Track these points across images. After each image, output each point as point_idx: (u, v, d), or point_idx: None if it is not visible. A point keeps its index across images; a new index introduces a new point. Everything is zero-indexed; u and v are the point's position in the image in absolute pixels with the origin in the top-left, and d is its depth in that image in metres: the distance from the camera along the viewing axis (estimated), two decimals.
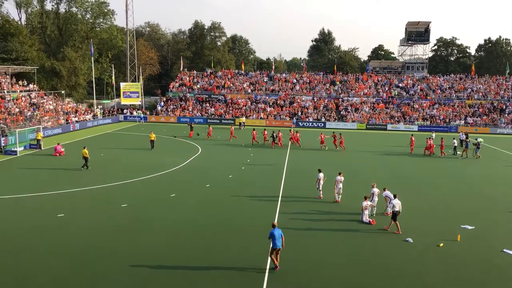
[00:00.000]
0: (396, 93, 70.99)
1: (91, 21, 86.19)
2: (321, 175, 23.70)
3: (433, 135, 45.60)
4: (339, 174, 23.39)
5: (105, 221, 19.27)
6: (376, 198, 20.97)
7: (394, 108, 67.12)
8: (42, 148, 37.91)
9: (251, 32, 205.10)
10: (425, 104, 67.55)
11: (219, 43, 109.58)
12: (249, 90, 72.23)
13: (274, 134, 42.96)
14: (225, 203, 22.54)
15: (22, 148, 37.03)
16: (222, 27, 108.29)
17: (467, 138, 42.56)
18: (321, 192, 23.68)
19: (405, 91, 71.73)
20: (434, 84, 73.66)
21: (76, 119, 55.04)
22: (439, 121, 63.33)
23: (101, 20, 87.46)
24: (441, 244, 17.32)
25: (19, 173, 29.06)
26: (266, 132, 44.63)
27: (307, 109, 66.58)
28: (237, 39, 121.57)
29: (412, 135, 43.55)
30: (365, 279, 14.29)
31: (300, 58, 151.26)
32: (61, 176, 28.08)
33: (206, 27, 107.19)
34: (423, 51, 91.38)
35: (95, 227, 18.39)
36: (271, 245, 14.80)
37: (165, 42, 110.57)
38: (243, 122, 58.79)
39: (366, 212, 19.90)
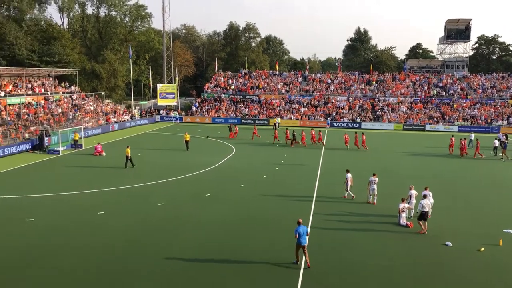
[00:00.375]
0: (435, 93, 69.10)
1: (129, 24, 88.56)
2: (349, 175, 23.41)
3: (472, 135, 44.17)
4: (373, 175, 23.02)
5: (142, 219, 19.75)
6: (413, 200, 20.50)
7: (433, 108, 65.35)
8: (83, 147, 39.28)
9: (285, 32, 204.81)
10: (465, 104, 65.41)
11: (253, 44, 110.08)
12: (283, 91, 72.16)
13: (295, 133, 43.48)
14: (259, 203, 22.62)
15: (64, 147, 38.46)
16: (256, 28, 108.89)
17: (506, 139, 41.08)
18: (351, 192, 23.40)
19: (444, 91, 69.73)
20: (475, 83, 71.22)
21: (115, 119, 56.64)
22: (480, 121, 61.16)
23: (139, 23, 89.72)
24: (482, 249, 16.75)
25: (62, 171, 30.22)
26: (288, 131, 44.81)
27: (342, 109, 65.83)
28: (271, 39, 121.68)
29: (452, 135, 42.32)
30: (401, 284, 14.01)
31: (335, 58, 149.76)
32: (101, 174, 29.01)
33: (240, 28, 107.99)
34: (463, 50, 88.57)
35: (133, 225, 18.90)
36: (296, 242, 14.93)
37: (201, 43, 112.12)
38: (278, 123, 58.43)
39: (403, 214, 19.49)
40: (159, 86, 70.72)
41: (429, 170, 32.28)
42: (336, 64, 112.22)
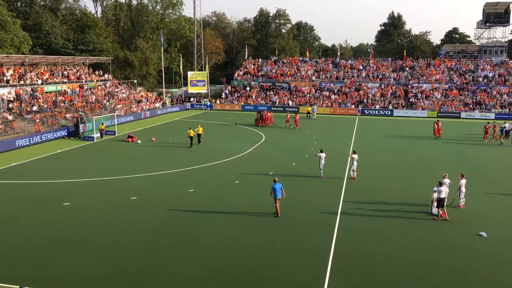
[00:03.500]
0: (472, 79, 66.76)
1: (161, 12, 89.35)
2: (323, 155, 25.15)
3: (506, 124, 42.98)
4: (354, 152, 25.56)
5: (174, 204, 20.13)
6: (447, 189, 20.01)
7: (469, 95, 63.23)
8: (116, 134, 40.17)
9: (316, 18, 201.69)
10: (503, 91, 62.96)
11: (283, 31, 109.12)
12: (314, 78, 71.39)
13: (263, 114, 47.85)
14: (288, 190, 22.51)
15: (98, 134, 39.45)
16: (287, 14, 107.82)
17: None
18: (321, 171, 25.17)
19: (481, 77, 67.25)
20: None
21: (147, 107, 57.60)
22: None
23: (170, 11, 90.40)
24: None
25: (96, 157, 31.06)
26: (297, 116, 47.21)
27: (374, 96, 64.60)
28: (302, 26, 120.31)
29: (488, 123, 40.97)
30: (432, 274, 13.75)
31: (367, 44, 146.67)
32: (132, 160, 29.68)
33: (271, 15, 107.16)
34: (502, 34, 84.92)
35: (164, 210, 19.30)
36: (273, 196, 18.35)
37: (231, 31, 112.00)
38: (315, 110, 56.21)
39: (436, 203, 19.08)
40: (189, 73, 71.25)
41: (464, 158, 31.39)
42: (368, 50, 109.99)
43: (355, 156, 25.08)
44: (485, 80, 65.92)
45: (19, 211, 19.21)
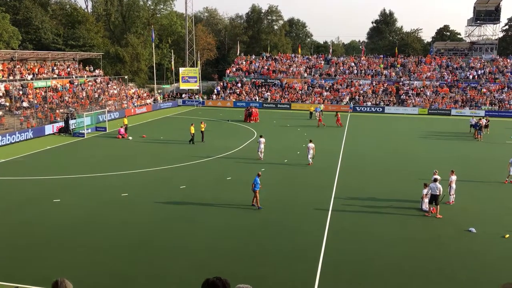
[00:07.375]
0: (462, 76, 67.24)
1: (152, 7, 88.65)
2: (262, 140, 28.69)
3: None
4: (310, 141, 27.64)
5: (165, 201, 20.05)
6: (438, 186, 20.17)
7: (459, 92, 63.68)
8: (107, 130, 39.89)
9: (309, 15, 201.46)
10: (493, 88, 63.49)
11: (275, 27, 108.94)
12: (306, 74, 71.41)
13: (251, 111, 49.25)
14: (280, 187, 22.66)
15: (89, 130, 39.14)
16: (279, 10, 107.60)
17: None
18: (260, 154, 28.54)
19: (471, 74, 67.72)
20: (504, 66, 68.87)
21: (138, 103, 57.24)
22: (509, 106, 59.31)
23: (162, 6, 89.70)
24: (507, 235, 16.42)
25: (87, 154, 30.80)
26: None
27: (366, 93, 64.80)
28: (294, 22, 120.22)
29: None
30: (423, 271, 13.87)
31: (359, 41, 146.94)
32: (123, 157, 29.50)
33: (263, 11, 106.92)
34: (492, 32, 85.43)
35: (156, 207, 19.25)
36: (252, 189, 19.23)
37: (223, 27, 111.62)
38: (319, 109, 51.93)
39: (426, 200, 19.23)
40: (181, 70, 70.91)
41: (455, 155, 31.64)
42: (360, 47, 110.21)
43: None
44: (476, 77, 66.42)
45: (8, 208, 19.00)
